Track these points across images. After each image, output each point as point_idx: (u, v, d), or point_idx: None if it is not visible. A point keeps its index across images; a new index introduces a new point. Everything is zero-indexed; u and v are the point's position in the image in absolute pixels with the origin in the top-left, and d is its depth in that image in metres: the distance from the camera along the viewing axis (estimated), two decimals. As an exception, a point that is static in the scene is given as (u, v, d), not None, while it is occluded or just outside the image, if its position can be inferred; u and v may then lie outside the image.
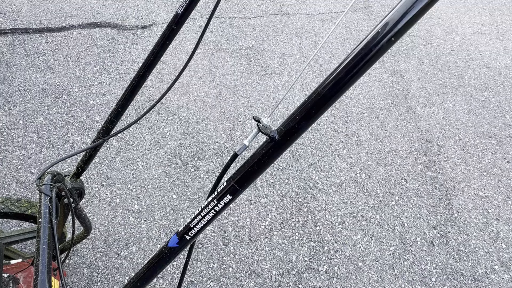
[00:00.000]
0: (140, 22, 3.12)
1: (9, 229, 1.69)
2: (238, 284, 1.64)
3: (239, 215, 1.89)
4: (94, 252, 1.66)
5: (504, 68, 3.19)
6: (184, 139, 2.22)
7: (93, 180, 1.94)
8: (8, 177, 1.89)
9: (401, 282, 1.72)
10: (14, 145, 2.05)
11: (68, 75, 2.53)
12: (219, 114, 2.42)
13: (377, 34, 0.42)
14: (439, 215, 2.01)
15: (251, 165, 0.57)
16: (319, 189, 2.06)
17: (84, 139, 2.13)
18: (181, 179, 2.01)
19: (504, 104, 2.82)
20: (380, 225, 1.93)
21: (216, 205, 0.63)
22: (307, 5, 3.72)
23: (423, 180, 2.18)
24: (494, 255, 1.86)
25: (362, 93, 2.75)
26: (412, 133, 2.48)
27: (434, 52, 3.29)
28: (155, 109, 2.38)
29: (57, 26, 2.92)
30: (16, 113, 2.22)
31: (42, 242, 0.76)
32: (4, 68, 2.50)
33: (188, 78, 2.65)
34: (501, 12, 4.07)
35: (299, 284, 1.67)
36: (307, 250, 1.79)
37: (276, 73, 2.82)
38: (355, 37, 3.33)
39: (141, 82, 0.92)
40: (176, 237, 0.69)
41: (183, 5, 0.80)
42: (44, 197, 0.86)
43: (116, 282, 1.58)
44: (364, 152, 2.31)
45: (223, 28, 3.22)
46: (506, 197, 2.15)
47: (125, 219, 1.80)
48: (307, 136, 2.36)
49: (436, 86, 2.91)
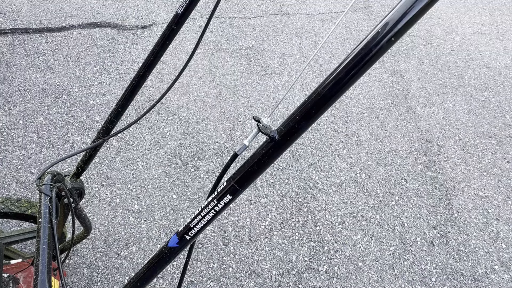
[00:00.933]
0: (140, 22, 3.12)
1: (9, 229, 1.69)
2: (238, 284, 1.64)
3: (239, 215, 1.89)
4: (94, 252, 1.66)
5: (504, 68, 3.19)
6: (184, 139, 2.22)
7: (93, 180, 1.94)
8: (8, 177, 1.89)
9: (401, 282, 1.72)
10: (14, 145, 2.05)
11: (68, 75, 2.53)
12: (219, 114, 2.42)
13: (377, 34, 0.42)
14: (439, 215, 2.01)
15: (251, 165, 0.57)
16: (319, 189, 2.06)
17: (84, 139, 2.13)
18: (181, 179, 2.01)
19: (504, 104, 2.82)
20: (380, 225, 1.93)
21: (216, 205, 0.63)
22: (307, 5, 3.72)
23: (423, 180, 2.18)
24: (494, 255, 1.86)
25: (362, 93, 2.75)
26: (412, 133, 2.48)
27: (434, 52, 3.29)
28: (155, 109, 2.38)
29: (57, 26, 2.92)
30: (16, 113, 2.22)
31: (42, 242, 0.76)
32: (4, 68, 2.50)
33: (188, 78, 2.65)
34: (501, 12, 4.07)
35: (299, 284, 1.67)
36: (307, 250, 1.79)
37: (276, 73, 2.81)
38: (355, 37, 3.33)
39: (141, 82, 0.92)
40: (176, 237, 0.69)
41: (183, 5, 0.80)
42: (44, 197, 0.86)
43: (116, 282, 1.58)
44: (364, 152, 2.31)
45: (223, 28, 3.22)
46: (506, 197, 2.15)
47: (125, 219, 1.80)
48: (307, 136, 2.36)
49: (436, 86, 2.91)
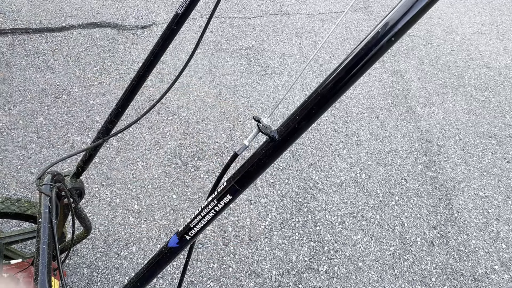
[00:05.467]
0: (140, 22, 3.12)
1: (9, 229, 1.69)
2: (238, 284, 1.64)
3: (239, 215, 1.89)
4: (94, 252, 1.66)
5: (504, 68, 3.19)
6: (184, 139, 2.22)
7: (93, 180, 1.94)
8: (8, 177, 1.89)
9: (401, 282, 1.72)
10: (14, 145, 2.05)
11: (68, 75, 2.53)
12: (219, 114, 2.42)
13: (377, 34, 0.42)
14: (439, 215, 2.01)
15: (251, 165, 0.57)
16: (319, 189, 2.06)
17: (84, 139, 2.13)
18: (181, 179, 2.01)
19: (504, 104, 2.82)
20: (380, 225, 1.93)
21: (216, 205, 0.63)
22: (307, 5, 3.72)
23: (423, 180, 2.18)
24: (494, 255, 1.86)
25: (362, 93, 2.75)
26: (412, 133, 2.48)
27: (434, 52, 3.29)
28: (155, 109, 2.38)
29: (57, 26, 2.92)
30: (16, 113, 2.22)
31: (42, 242, 0.76)
32: (4, 68, 2.50)
33: (188, 78, 2.65)
34: (501, 12, 4.07)
35: (299, 284, 1.67)
36: (307, 250, 1.79)
37: (276, 73, 2.81)
38: (355, 37, 3.33)
39: (141, 82, 0.92)
40: (176, 237, 0.69)
41: (183, 5, 0.80)
42: (44, 197, 0.86)
43: (116, 282, 1.58)
44: (364, 152, 2.31)
45: (223, 28, 3.22)
46: (506, 197, 2.15)
47: (125, 219, 1.80)
48: (307, 136, 2.36)
49: (436, 86, 2.91)
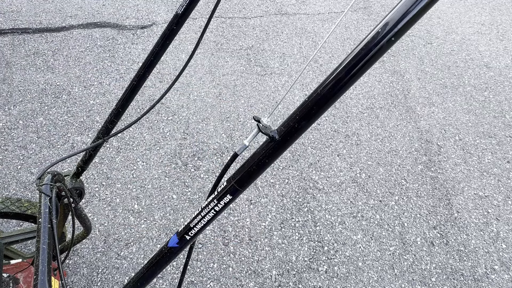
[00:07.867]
0: (140, 22, 3.12)
1: (9, 229, 1.69)
2: (238, 284, 1.64)
3: (239, 215, 1.89)
4: (94, 252, 1.66)
5: (504, 68, 3.19)
6: (184, 139, 2.22)
7: (93, 180, 1.94)
8: (8, 177, 1.89)
9: (401, 282, 1.72)
10: (14, 145, 2.05)
11: (68, 75, 2.53)
12: (219, 114, 2.42)
13: (377, 34, 0.42)
14: (439, 215, 2.01)
15: (251, 165, 0.57)
16: (319, 189, 2.06)
17: (84, 139, 2.13)
18: (181, 179, 2.01)
19: (504, 104, 2.82)
20: (380, 225, 1.93)
21: (216, 205, 0.63)
22: (307, 5, 3.72)
23: (423, 180, 2.18)
24: (494, 255, 1.86)
25: (362, 93, 2.75)
26: (412, 133, 2.48)
27: (434, 52, 3.29)
28: (155, 109, 2.38)
29: (57, 26, 2.92)
30: (16, 113, 2.22)
31: (42, 242, 0.76)
32: (4, 68, 2.50)
33: (188, 78, 2.65)
34: (501, 12, 4.07)
35: (299, 284, 1.67)
36: (307, 250, 1.79)
37: (276, 73, 2.81)
38: (355, 37, 3.33)
39: (141, 82, 0.92)
40: (176, 237, 0.69)
41: (183, 5, 0.80)
42: (44, 197, 0.86)
43: (116, 282, 1.58)
44: (364, 152, 2.31)
45: (223, 28, 3.22)
46: (506, 197, 2.15)
47: (125, 219, 1.80)
48: (307, 136, 2.36)
49: (436, 86, 2.91)
